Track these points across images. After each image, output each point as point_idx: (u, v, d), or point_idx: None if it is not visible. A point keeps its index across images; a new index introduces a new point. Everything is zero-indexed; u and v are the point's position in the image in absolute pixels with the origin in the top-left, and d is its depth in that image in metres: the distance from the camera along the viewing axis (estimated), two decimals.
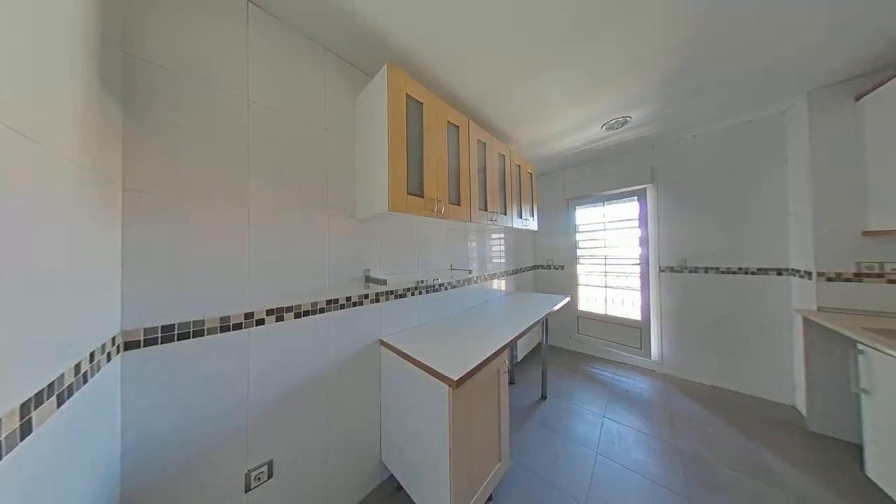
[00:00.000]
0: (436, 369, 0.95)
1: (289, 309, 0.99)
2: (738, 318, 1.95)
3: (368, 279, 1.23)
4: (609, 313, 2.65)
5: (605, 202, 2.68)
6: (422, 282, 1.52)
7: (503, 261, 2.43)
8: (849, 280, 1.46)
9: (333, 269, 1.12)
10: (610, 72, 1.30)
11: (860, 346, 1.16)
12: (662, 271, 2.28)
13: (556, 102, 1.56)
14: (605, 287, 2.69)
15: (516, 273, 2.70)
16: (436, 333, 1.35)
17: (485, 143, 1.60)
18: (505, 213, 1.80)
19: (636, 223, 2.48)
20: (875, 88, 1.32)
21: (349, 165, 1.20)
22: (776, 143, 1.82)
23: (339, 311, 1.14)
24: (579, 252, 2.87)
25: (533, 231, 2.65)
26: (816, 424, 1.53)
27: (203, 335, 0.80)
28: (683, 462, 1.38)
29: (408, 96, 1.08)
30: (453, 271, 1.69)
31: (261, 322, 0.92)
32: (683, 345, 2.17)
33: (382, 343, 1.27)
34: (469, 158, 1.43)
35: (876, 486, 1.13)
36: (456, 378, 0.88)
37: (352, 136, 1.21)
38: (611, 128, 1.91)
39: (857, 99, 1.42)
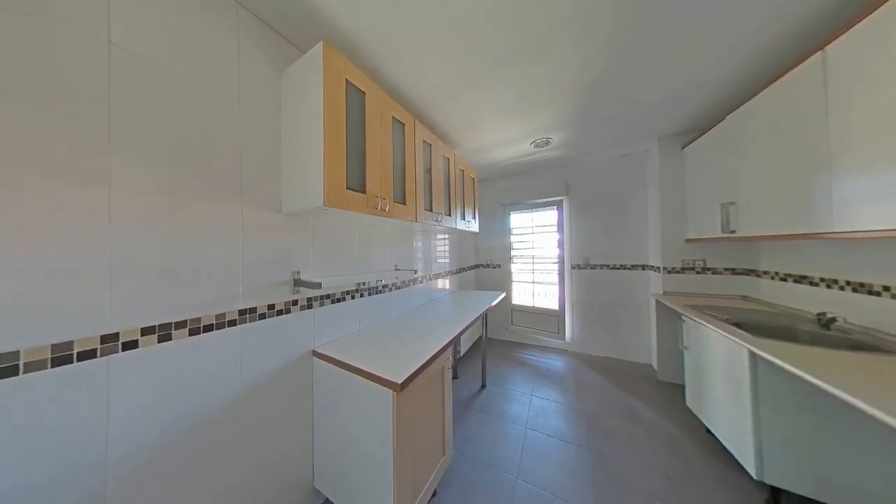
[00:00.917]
0: (378, 375, 0.88)
1: (180, 324, 0.75)
2: (618, 303, 2.50)
3: (298, 283, 1.05)
4: (536, 305, 3.02)
5: (534, 209, 3.05)
6: (363, 284, 1.40)
7: (448, 260, 2.48)
8: (679, 272, 2.05)
9: (250, 271, 0.92)
10: (537, 98, 1.48)
11: (683, 317, 1.63)
12: (573, 268, 2.74)
13: (494, 116, 1.67)
14: (533, 283, 3.06)
15: (460, 272, 2.80)
16: (379, 337, 1.26)
17: (430, 145, 1.58)
18: (450, 215, 1.83)
19: (555, 228, 2.90)
20: (691, 142, 1.89)
21: (273, 149, 1.00)
22: (640, 173, 2.41)
23: (258, 322, 0.94)
24: (513, 252, 3.18)
25: (475, 233, 2.79)
26: (662, 375, 2.10)
27: (16, 374, 0.53)
28: (586, 420, 1.67)
29: (348, 83, 0.97)
30: (398, 272, 1.62)
31: (131, 345, 0.67)
32: (586, 327, 2.66)
33: (316, 354, 1.10)
34: (415, 158, 1.40)
35: (691, 411, 1.61)
36: (400, 381, 0.83)
37: (277, 114, 1.01)
38: (537, 145, 2.17)
39: (683, 147, 2.00)
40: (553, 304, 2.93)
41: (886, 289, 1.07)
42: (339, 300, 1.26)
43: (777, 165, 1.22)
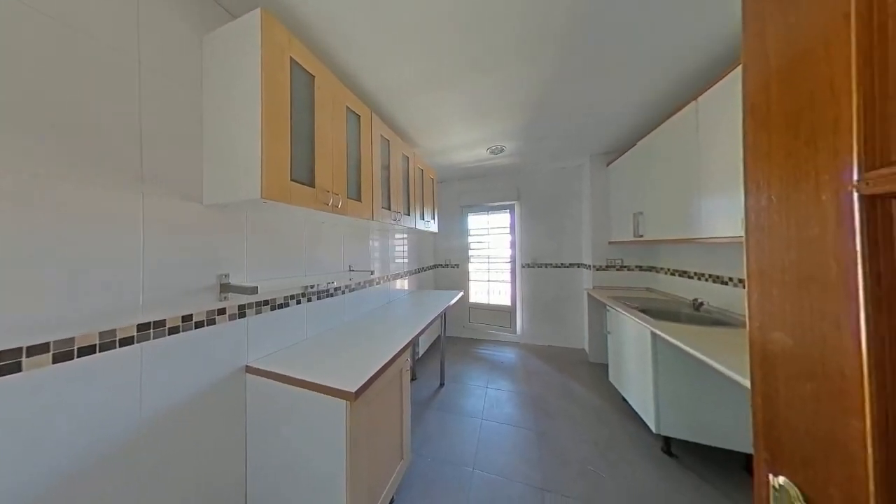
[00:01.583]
0: (329, 385, 0.80)
1: (41, 348, 0.56)
2: (560, 297, 2.82)
3: (226, 288, 0.89)
4: (491, 302, 3.19)
5: (489, 212, 3.21)
6: (312, 287, 1.26)
7: (406, 261, 2.43)
8: (604, 270, 2.42)
9: (157, 275, 0.73)
10: (492, 107, 1.55)
11: (607, 307, 1.93)
12: (523, 267, 2.97)
13: (453, 119, 1.70)
14: (489, 281, 3.22)
15: (419, 272, 2.77)
16: (330, 344, 1.15)
17: (389, 141, 1.52)
18: (409, 214, 1.79)
19: (508, 230, 3.11)
20: (613, 161, 2.25)
21: (191, 127, 0.82)
22: (577, 184, 2.76)
23: (168, 338, 0.75)
24: (470, 252, 3.29)
25: (434, 233, 2.79)
26: (592, 357, 2.44)
27: None
28: (533, 404, 1.83)
29: (293, 62, 0.85)
30: (353, 273, 1.51)
31: None
32: (533, 320, 2.92)
33: (250, 370, 0.95)
34: (372, 153, 1.32)
35: (612, 385, 1.91)
36: (354, 389, 0.77)
37: (197, 85, 0.83)
38: (492, 152, 2.29)
39: (608, 165, 2.37)
40: (506, 300, 3.13)
41: (731, 280, 1.45)
42: (281, 306, 1.11)
43: (668, 185, 1.53)
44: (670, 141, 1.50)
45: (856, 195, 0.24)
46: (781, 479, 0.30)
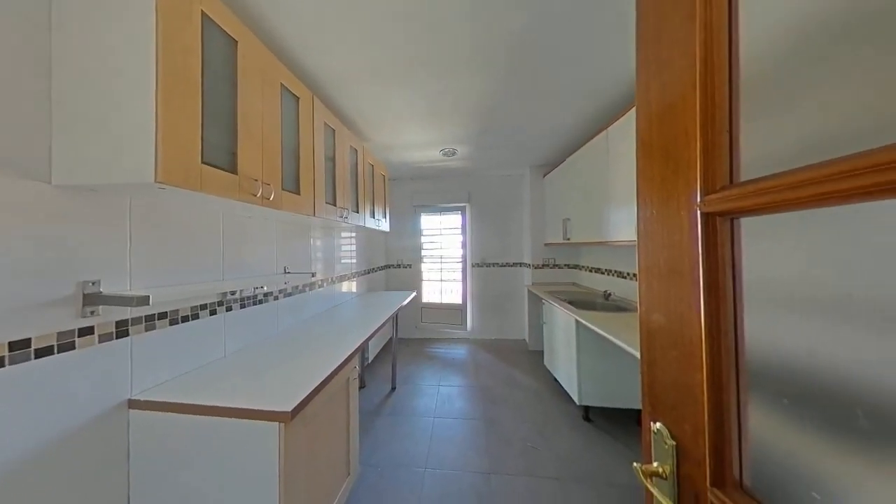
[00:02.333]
0: (255, 408, 0.68)
1: None
2: (505, 294, 3.08)
3: (94, 299, 0.66)
4: (443, 301, 3.25)
5: (442, 212, 3.27)
6: (233, 293, 1.05)
7: (355, 261, 2.26)
8: (541, 268, 2.75)
9: None
10: (446, 111, 1.59)
11: (543, 301, 2.21)
12: (473, 266, 3.14)
13: (407, 117, 1.67)
14: (441, 281, 3.28)
15: (368, 273, 2.62)
16: (259, 359, 0.98)
17: (334, 130, 1.39)
18: (357, 211, 1.68)
19: (460, 231, 3.23)
20: (549, 173, 2.59)
21: (26, 77, 0.58)
22: (519, 191, 3.07)
23: None
24: (423, 252, 3.29)
25: (385, 232, 2.68)
26: (531, 346, 2.75)
27: None
28: (482, 395, 1.95)
29: (206, 17, 0.70)
30: (289, 275, 1.33)
31: None
32: (482, 316, 3.11)
33: (136, 405, 0.73)
34: (314, 142, 1.19)
35: (547, 369, 2.19)
36: (290, 408, 0.68)
37: (40, 19, 0.60)
38: (445, 154, 2.34)
39: (544, 176, 2.71)
40: (457, 299, 3.24)
41: (629, 274, 1.84)
42: (187, 319, 0.89)
43: (587, 196, 1.84)
44: (588, 160, 1.81)
45: (699, 213, 0.33)
46: (658, 424, 0.39)
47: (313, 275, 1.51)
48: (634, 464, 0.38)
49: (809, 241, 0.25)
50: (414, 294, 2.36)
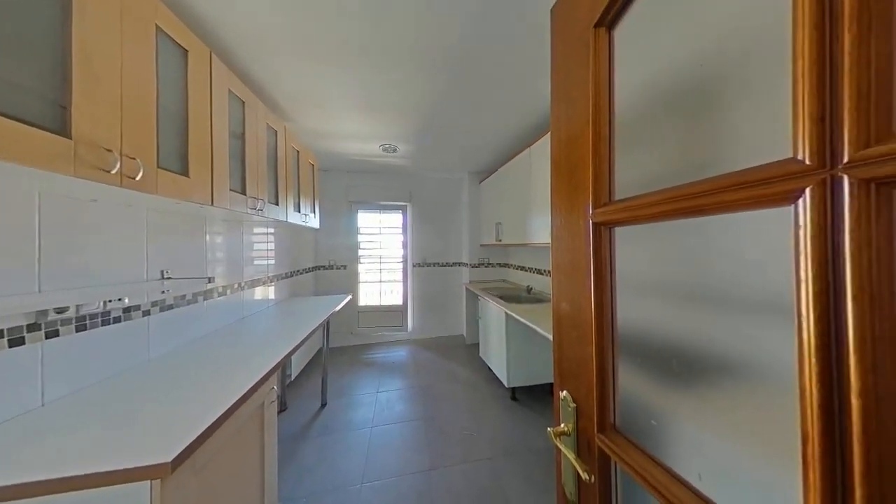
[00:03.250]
0: (112, 469, 0.49)
1: None
2: (445, 292, 3.20)
3: None
4: (382, 303, 3.11)
5: (381, 210, 3.12)
6: (62, 310, 0.72)
7: (273, 262, 1.91)
8: (477, 267, 2.98)
9: None
10: (385, 105, 1.52)
11: (479, 297, 2.40)
12: (414, 266, 3.12)
13: (341, 104, 1.52)
14: (380, 282, 3.12)
15: (293, 276, 2.26)
16: (116, 399, 0.71)
17: (244, 102, 1.14)
18: (277, 203, 1.42)
19: (400, 230, 3.16)
20: (484, 179, 2.83)
21: None
22: (458, 194, 3.24)
23: None
24: (361, 252, 3.06)
25: (314, 229, 2.37)
26: (468, 340, 2.95)
27: None
28: (422, 394, 1.96)
29: None
30: (170, 282, 1.01)
31: None
32: (423, 316, 3.13)
33: None
34: (211, 111, 0.94)
35: (482, 360, 2.39)
36: (171, 458, 0.51)
37: None
38: (385, 150, 2.25)
39: (481, 182, 2.94)
40: (398, 300, 3.16)
41: (546, 271, 2.21)
42: None
43: (514, 203, 2.10)
44: (516, 172, 2.07)
45: (591, 222, 0.42)
46: (564, 392, 0.48)
47: (210, 280, 1.19)
48: (549, 429, 0.46)
49: (651, 245, 0.36)
50: (349, 297, 2.16)
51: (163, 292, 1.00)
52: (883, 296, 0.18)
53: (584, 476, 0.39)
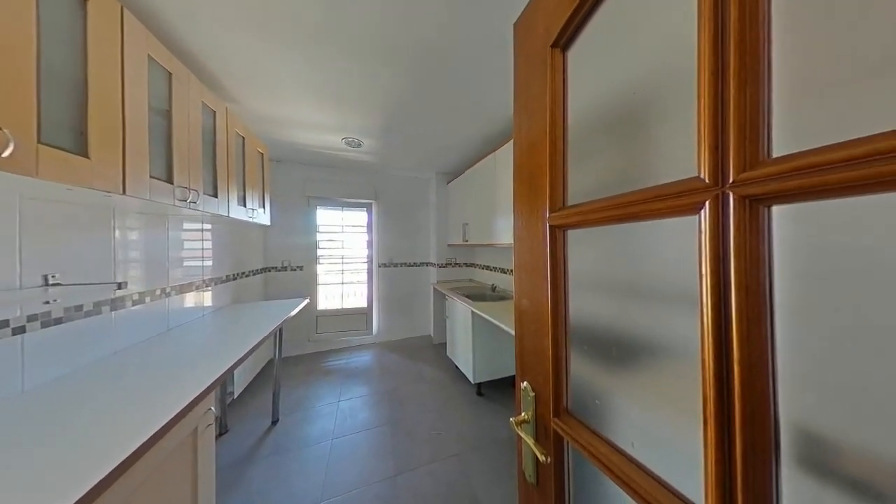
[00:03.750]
0: None
1: None
2: (413, 293, 3.16)
3: None
4: (344, 306, 2.93)
5: (344, 208, 2.93)
6: None
7: (210, 263, 1.65)
8: (444, 267, 3.01)
9: None
10: (349, 96, 1.44)
11: (447, 297, 2.43)
12: (380, 267, 3.01)
13: (300, 89, 1.39)
14: (342, 284, 2.94)
15: (236, 279, 1.98)
16: None
17: (171, 74, 0.97)
18: (215, 195, 1.24)
19: (365, 229, 3.02)
20: (452, 180, 2.87)
21: None
22: (425, 193, 3.22)
23: None
24: (320, 252, 2.83)
25: (264, 226, 2.12)
26: (436, 339, 2.96)
27: None
28: (388, 399, 1.91)
29: None
30: (56, 289, 0.80)
31: None
32: (389, 317, 3.04)
33: None
34: (123, 79, 0.78)
35: (451, 360, 2.42)
36: None
37: None
38: (349, 144, 2.12)
39: (448, 183, 2.98)
40: (362, 302, 3.01)
41: (509, 270, 2.33)
42: None
43: (480, 205, 2.18)
44: (482, 175, 2.15)
45: (547, 225, 0.46)
46: (525, 383, 0.51)
47: (120, 286, 0.97)
48: (511, 419, 0.48)
49: (598, 246, 0.40)
50: (306, 301, 1.99)
51: (48, 302, 0.79)
52: (752, 287, 0.23)
53: (542, 458, 0.43)
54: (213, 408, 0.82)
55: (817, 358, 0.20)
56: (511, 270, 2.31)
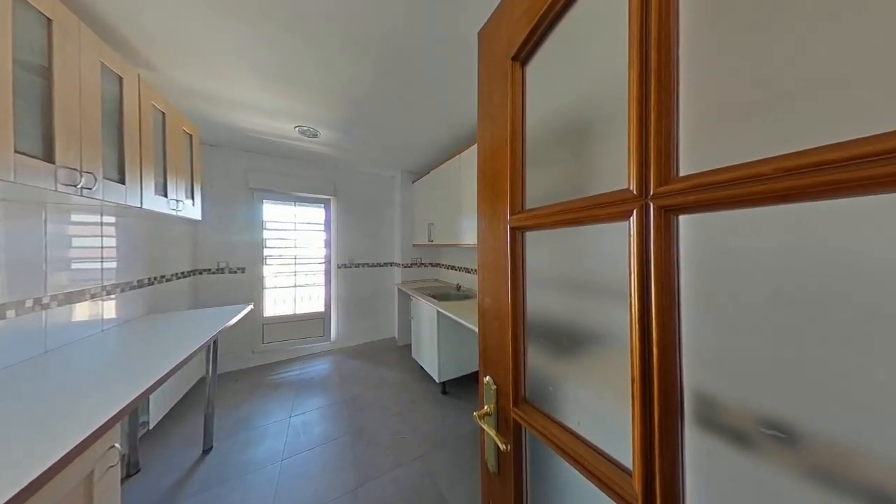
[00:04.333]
0: None
1: None
2: (375, 294, 3.03)
3: None
4: (298, 311, 2.66)
5: (297, 203, 2.66)
6: None
7: (113, 266, 1.34)
8: (409, 267, 2.97)
9: None
10: (304, 79, 1.31)
11: (412, 297, 2.40)
12: (339, 268, 2.82)
13: (242, 66, 1.21)
14: (295, 286, 2.66)
15: (151, 284, 1.64)
16: None
17: (50, 21, 0.76)
18: (122, 181, 1.01)
19: (322, 227, 2.79)
20: (418, 180, 2.85)
21: None
22: (390, 192, 3.13)
23: None
24: (267, 252, 2.52)
25: (193, 221, 1.81)
26: (400, 341, 2.90)
27: None
28: (348, 407, 1.80)
29: None
30: None
31: None
32: (349, 321, 2.87)
33: None
34: None
35: (415, 361, 2.40)
36: None
37: None
38: (303, 133, 1.94)
39: (413, 182, 2.94)
40: (319, 306, 2.78)
41: (473, 270, 2.41)
42: None
43: (446, 206, 2.21)
44: (448, 176, 2.17)
45: (508, 227, 0.49)
46: (487, 377, 0.54)
47: None
48: (474, 413, 0.50)
49: (551, 247, 0.44)
50: (249, 308, 1.74)
51: None
52: (665, 282, 0.28)
53: (502, 447, 0.45)
54: (117, 445, 0.66)
55: (708, 335, 0.26)
56: (475, 270, 2.39)
